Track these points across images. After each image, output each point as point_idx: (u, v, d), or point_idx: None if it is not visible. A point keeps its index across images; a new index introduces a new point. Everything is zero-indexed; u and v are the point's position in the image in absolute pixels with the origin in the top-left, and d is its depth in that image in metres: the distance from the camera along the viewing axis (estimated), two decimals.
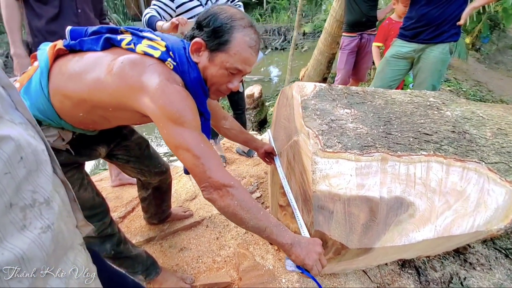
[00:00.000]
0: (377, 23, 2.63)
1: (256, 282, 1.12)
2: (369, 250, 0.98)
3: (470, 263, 1.49)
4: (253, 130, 3.39)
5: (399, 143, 1.05)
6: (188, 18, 1.68)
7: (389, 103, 1.17)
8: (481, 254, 1.52)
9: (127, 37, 0.82)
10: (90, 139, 0.96)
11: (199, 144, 0.72)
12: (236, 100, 2.04)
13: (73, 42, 0.82)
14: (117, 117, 0.85)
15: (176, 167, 2.06)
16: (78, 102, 0.78)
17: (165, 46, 0.79)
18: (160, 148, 3.97)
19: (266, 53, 10.91)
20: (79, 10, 1.34)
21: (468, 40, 4.46)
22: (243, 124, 2.18)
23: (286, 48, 10.76)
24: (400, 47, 2.03)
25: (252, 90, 3.45)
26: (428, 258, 1.50)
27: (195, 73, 0.81)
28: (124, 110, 0.79)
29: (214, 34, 0.78)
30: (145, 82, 0.71)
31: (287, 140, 1.19)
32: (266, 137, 2.53)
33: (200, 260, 1.31)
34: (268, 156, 1.31)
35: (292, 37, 11.26)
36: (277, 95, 5.86)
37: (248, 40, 0.79)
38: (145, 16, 1.60)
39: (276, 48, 11.10)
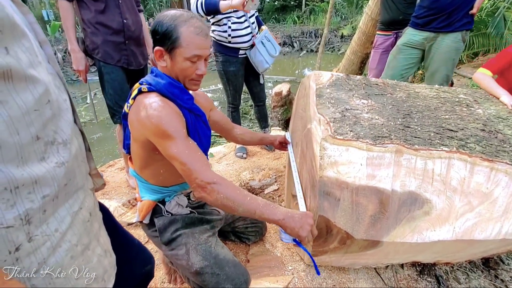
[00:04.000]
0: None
1: (263, 265, 1.14)
2: (377, 243, 0.95)
3: (502, 280, 1.36)
4: (279, 127, 3.40)
5: (417, 136, 1.00)
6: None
7: (411, 97, 1.12)
8: None
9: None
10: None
11: (183, 152, 0.83)
12: (257, 92, 2.09)
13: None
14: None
15: None
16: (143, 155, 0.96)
17: (139, 83, 0.95)
18: None
19: (301, 54, 10.83)
20: (120, 1, 1.50)
21: None
22: (265, 116, 2.22)
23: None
24: (412, 35, 2.00)
25: (281, 88, 3.46)
26: (451, 268, 1.40)
27: (164, 79, 0.92)
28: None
29: (165, 37, 0.89)
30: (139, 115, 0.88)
31: (303, 130, 1.20)
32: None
33: None
34: (282, 145, 1.39)
35: (328, 39, 11.00)
36: None
37: (193, 29, 0.89)
38: (197, 2, 1.65)
39: (312, 50, 10.96)
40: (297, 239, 0.85)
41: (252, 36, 1.84)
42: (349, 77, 1.13)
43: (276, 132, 2.64)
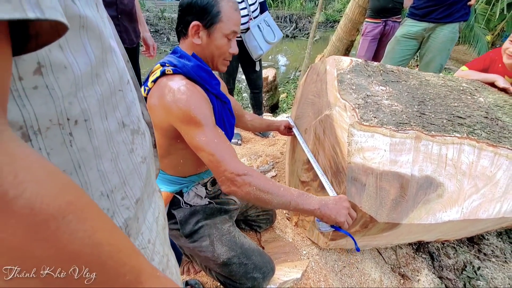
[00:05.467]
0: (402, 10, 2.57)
1: (278, 251, 1.14)
2: (395, 226, 0.99)
3: (485, 254, 1.51)
4: (265, 112, 3.37)
5: (433, 123, 1.04)
6: None
7: (423, 84, 1.15)
8: (496, 246, 1.53)
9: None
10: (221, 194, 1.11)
11: (212, 141, 0.76)
12: (254, 79, 2.02)
13: None
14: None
15: None
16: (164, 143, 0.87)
17: (161, 65, 0.86)
18: None
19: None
20: None
21: (489, 37, 4.35)
22: (260, 104, 2.17)
23: (297, 36, 10.56)
24: (411, 26, 2.04)
25: (267, 74, 3.41)
26: (442, 245, 1.52)
27: (191, 61, 0.85)
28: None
29: (205, 11, 0.82)
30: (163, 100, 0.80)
31: (316, 116, 1.18)
32: (282, 118, 2.52)
33: None
34: (288, 130, 1.38)
35: (303, 25, 10.96)
36: (287, 82, 5.79)
37: (232, 4, 0.84)
38: None
39: (287, 36, 10.87)
40: (335, 225, 0.82)
41: (249, 19, 1.75)
42: (367, 63, 1.12)
43: (264, 117, 2.62)
